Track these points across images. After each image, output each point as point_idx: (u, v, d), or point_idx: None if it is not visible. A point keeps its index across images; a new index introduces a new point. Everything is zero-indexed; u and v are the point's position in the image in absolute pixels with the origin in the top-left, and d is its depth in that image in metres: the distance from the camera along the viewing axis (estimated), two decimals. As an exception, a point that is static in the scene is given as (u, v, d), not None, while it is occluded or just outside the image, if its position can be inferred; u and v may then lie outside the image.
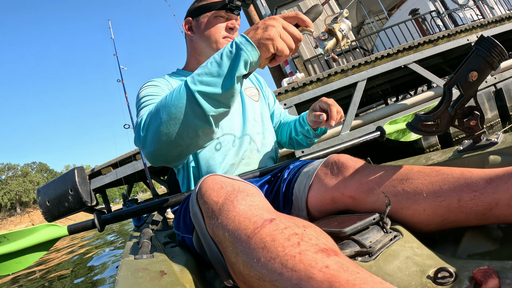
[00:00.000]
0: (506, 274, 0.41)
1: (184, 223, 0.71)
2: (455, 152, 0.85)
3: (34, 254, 0.83)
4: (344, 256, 0.39)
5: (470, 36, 4.22)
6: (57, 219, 1.37)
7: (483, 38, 0.64)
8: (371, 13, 9.88)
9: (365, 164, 0.73)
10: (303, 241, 0.40)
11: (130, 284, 0.43)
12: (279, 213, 0.49)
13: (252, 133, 0.98)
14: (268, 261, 0.40)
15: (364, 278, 0.34)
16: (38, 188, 1.43)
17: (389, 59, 4.02)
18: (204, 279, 0.64)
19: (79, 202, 1.29)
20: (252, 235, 0.44)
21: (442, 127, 0.71)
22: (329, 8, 6.01)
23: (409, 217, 0.60)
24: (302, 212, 0.78)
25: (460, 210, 0.54)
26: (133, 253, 0.62)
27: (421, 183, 0.60)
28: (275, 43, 0.55)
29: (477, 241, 0.55)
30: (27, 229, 0.83)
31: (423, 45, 4.12)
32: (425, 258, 0.51)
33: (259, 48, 0.55)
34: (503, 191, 0.50)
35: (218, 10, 0.96)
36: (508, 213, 0.50)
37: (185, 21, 1.03)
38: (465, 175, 0.56)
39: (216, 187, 0.58)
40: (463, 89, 0.68)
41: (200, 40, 0.99)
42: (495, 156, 0.72)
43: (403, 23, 5.25)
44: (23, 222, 47.47)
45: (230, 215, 0.50)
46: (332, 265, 0.36)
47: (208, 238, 0.58)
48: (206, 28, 0.98)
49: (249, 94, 1.05)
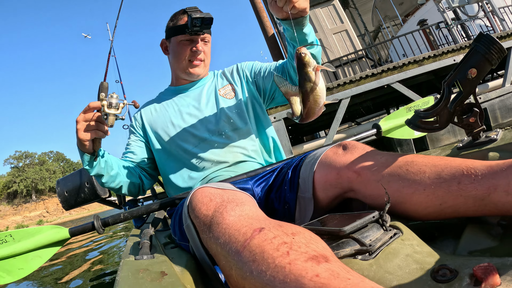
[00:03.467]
0: (507, 270, 0.41)
1: (180, 232, 0.72)
2: (454, 149, 0.85)
3: (36, 259, 0.84)
4: (336, 261, 0.39)
5: (457, 57, 4.28)
6: (73, 207, 1.58)
7: (482, 35, 0.64)
8: (387, 18, 9.86)
9: (374, 149, 0.74)
10: (292, 250, 0.40)
11: (131, 284, 0.43)
12: (269, 220, 0.50)
13: (227, 131, 1.02)
14: (260, 274, 0.40)
15: (355, 284, 0.34)
16: (58, 180, 1.64)
17: (373, 79, 4.21)
18: (204, 280, 0.64)
19: (94, 194, 1.52)
20: (242, 248, 0.44)
21: (441, 124, 0.71)
22: (334, 9, 5.92)
23: (408, 196, 0.61)
24: (307, 193, 0.78)
25: (459, 194, 0.55)
26: (133, 254, 0.62)
27: (425, 165, 0.61)
28: (81, 139, 0.76)
29: (477, 238, 0.55)
30: (33, 229, 0.84)
31: (408, 65, 4.27)
32: (425, 255, 0.51)
33: (82, 148, 0.80)
34: (502, 178, 0.51)
35: (182, 35, 1.02)
36: (506, 200, 0.50)
37: (161, 41, 1.12)
38: (467, 162, 0.58)
39: (205, 200, 0.59)
40: (463, 86, 0.68)
41: (172, 60, 1.10)
42: (494, 153, 0.72)
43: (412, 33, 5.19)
44: (38, 209, 48.03)
45: (220, 228, 0.51)
46: (323, 273, 0.36)
47: (201, 251, 0.60)
48: (174, 52, 1.07)
49: (222, 94, 1.09)
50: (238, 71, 1.16)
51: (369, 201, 0.70)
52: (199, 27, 0.99)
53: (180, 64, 1.06)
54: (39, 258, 0.84)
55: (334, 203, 0.78)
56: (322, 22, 5.83)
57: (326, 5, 5.88)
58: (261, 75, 1.11)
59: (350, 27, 5.83)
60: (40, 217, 46.02)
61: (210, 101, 1.08)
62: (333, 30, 5.82)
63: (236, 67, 1.18)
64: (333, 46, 5.76)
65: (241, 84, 1.12)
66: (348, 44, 5.77)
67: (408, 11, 9.75)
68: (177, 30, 1.03)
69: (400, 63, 4.22)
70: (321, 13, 5.87)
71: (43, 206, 48.81)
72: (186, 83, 1.12)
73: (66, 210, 1.64)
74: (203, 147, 1.00)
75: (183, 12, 1.04)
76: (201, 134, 1.02)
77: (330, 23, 5.85)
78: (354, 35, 5.84)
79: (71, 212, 46.81)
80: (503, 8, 5.90)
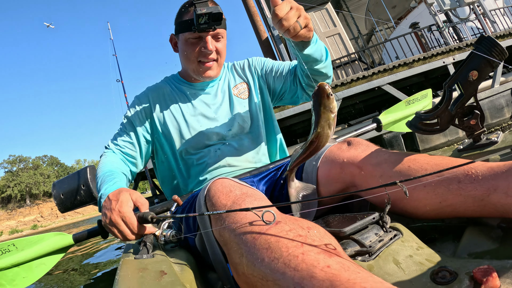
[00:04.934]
0: (506, 273, 0.41)
1: (187, 224, 0.72)
2: (455, 151, 0.85)
3: (41, 266, 0.83)
4: (347, 257, 0.40)
5: (446, 59, 4.34)
6: (69, 210, 1.55)
7: (483, 37, 0.64)
8: (380, 21, 9.97)
9: (378, 146, 0.75)
10: (307, 242, 0.41)
11: (130, 284, 0.43)
12: (285, 215, 0.50)
13: (241, 132, 0.98)
14: (272, 261, 0.41)
15: (365, 278, 0.34)
16: (54, 183, 1.62)
17: (364, 81, 4.28)
18: (204, 279, 0.64)
19: (89, 196, 1.50)
20: (258, 236, 0.45)
21: (442, 126, 0.71)
22: (327, 13, 5.99)
23: (409, 191, 0.61)
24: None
25: (459, 193, 0.55)
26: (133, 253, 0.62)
27: (427, 163, 0.62)
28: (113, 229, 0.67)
29: (477, 240, 0.55)
30: (35, 237, 0.84)
31: (398, 67, 4.35)
32: (425, 257, 0.51)
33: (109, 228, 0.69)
34: (502, 179, 0.51)
35: (189, 32, 0.90)
36: (505, 202, 0.51)
37: (170, 37, 1.01)
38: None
39: (225, 190, 0.59)
40: (464, 88, 0.68)
41: (182, 60, 0.99)
42: (494, 155, 0.72)
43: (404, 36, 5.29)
44: (32, 214, 47.81)
45: (238, 217, 0.51)
46: (334, 264, 0.37)
47: (212, 240, 0.60)
48: (182, 51, 0.95)
49: (237, 93, 1.03)
50: (250, 67, 1.09)
51: (370, 197, 0.70)
52: (207, 23, 0.85)
53: (189, 65, 0.95)
54: (43, 266, 0.83)
55: (336, 199, 0.78)
56: (315, 26, 5.92)
57: (319, 9, 5.98)
58: (272, 75, 1.05)
59: (343, 30, 5.93)
60: (35, 222, 45.73)
61: (225, 101, 1.01)
62: (326, 34, 5.92)
63: (248, 63, 1.10)
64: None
65: (254, 82, 1.06)
66: (341, 48, 5.87)
67: (400, 14, 9.84)
68: (183, 26, 0.90)
69: (391, 65, 4.30)
70: (314, 16, 5.96)
71: (38, 211, 48.65)
72: (198, 82, 1.02)
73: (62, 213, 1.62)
74: (216, 150, 0.95)
75: (190, 4, 0.90)
76: (215, 138, 0.96)
77: (323, 27, 5.94)
78: (347, 38, 5.94)
79: (66, 217, 46.50)
80: (494, 10, 5.99)
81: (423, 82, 4.98)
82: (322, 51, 0.85)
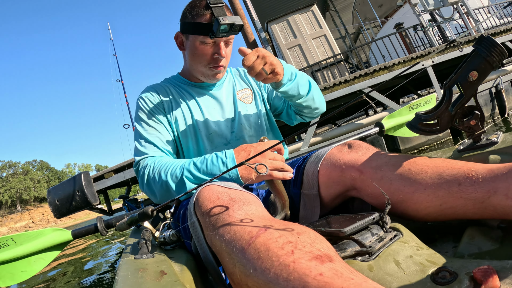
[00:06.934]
0: (506, 273, 0.41)
1: (183, 229, 0.72)
2: (455, 151, 0.84)
3: (39, 261, 0.84)
4: (340, 261, 0.40)
5: (425, 62, 4.41)
6: (64, 215, 1.57)
7: (483, 37, 0.64)
8: (367, 20, 10.02)
9: (378, 149, 0.75)
10: (297, 249, 0.41)
11: (130, 284, 0.43)
12: (275, 220, 0.50)
13: (245, 137, 0.97)
14: (264, 271, 0.41)
15: (358, 284, 0.34)
16: (49, 189, 1.65)
17: (346, 85, 4.39)
18: (204, 279, 0.64)
19: (84, 202, 1.53)
20: (247, 246, 0.45)
21: (442, 127, 0.71)
22: (312, 15, 6.01)
23: (409, 194, 0.62)
24: (312, 190, 0.79)
25: (459, 195, 0.55)
26: (133, 253, 0.62)
27: (427, 165, 0.62)
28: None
29: (477, 240, 0.55)
30: (34, 232, 0.84)
31: (379, 71, 4.46)
32: (425, 257, 0.51)
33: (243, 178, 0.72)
34: (502, 181, 0.52)
35: (203, 36, 0.86)
36: (505, 203, 0.51)
37: (176, 34, 0.96)
38: (468, 164, 0.58)
39: (213, 198, 0.59)
40: (463, 89, 0.68)
41: (189, 61, 0.95)
42: (495, 156, 0.72)
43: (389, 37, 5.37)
44: (23, 220, 47.56)
45: (226, 225, 0.51)
46: (326, 272, 0.36)
47: (204, 246, 0.60)
48: (192, 53, 0.92)
49: (241, 97, 1.02)
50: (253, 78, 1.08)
51: (371, 200, 0.70)
52: (227, 32, 0.83)
53: (199, 67, 0.93)
54: (42, 261, 0.84)
55: (336, 201, 0.79)
56: (301, 28, 6.00)
57: (305, 11, 6.05)
58: (273, 92, 1.08)
59: (328, 32, 6.00)
60: (26, 228, 45.25)
61: (229, 103, 1.01)
62: (312, 35, 5.99)
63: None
64: (312, 51, 5.94)
65: (258, 90, 1.08)
66: (327, 49, 5.94)
67: (387, 13, 9.92)
68: (197, 29, 0.86)
69: (371, 69, 4.42)
70: (300, 19, 6.04)
71: (29, 217, 48.39)
72: (201, 82, 1.00)
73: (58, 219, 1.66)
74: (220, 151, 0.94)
75: (205, 6, 0.85)
76: (219, 139, 0.95)
77: (309, 29, 6.01)
78: (332, 40, 6.01)
79: (57, 222, 46.20)
80: (477, 9, 6.06)
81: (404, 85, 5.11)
82: (301, 88, 0.90)
